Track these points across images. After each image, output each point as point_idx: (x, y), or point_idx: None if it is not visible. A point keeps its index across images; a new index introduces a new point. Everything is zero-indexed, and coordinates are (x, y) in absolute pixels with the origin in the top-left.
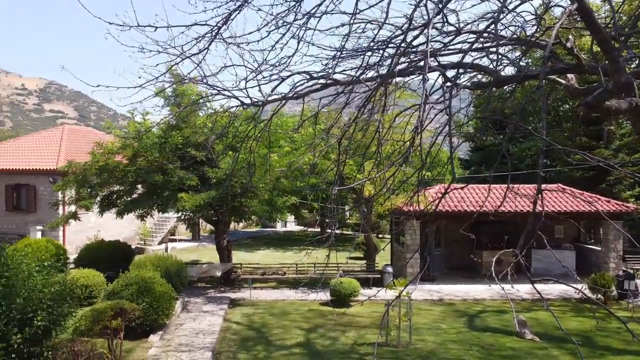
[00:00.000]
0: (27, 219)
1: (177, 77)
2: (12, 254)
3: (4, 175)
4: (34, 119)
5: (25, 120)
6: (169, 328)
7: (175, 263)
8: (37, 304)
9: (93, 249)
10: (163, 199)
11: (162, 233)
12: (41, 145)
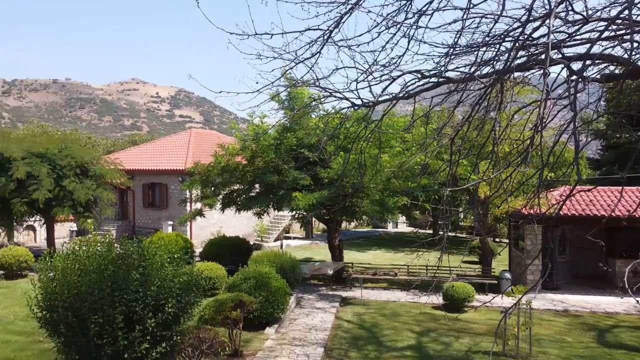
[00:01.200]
0: (160, 214)
1: (290, 81)
2: (148, 246)
3: (141, 175)
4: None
5: (159, 125)
6: (283, 322)
7: (289, 260)
8: (168, 292)
9: (216, 243)
10: (278, 197)
11: (278, 230)
12: (172, 147)
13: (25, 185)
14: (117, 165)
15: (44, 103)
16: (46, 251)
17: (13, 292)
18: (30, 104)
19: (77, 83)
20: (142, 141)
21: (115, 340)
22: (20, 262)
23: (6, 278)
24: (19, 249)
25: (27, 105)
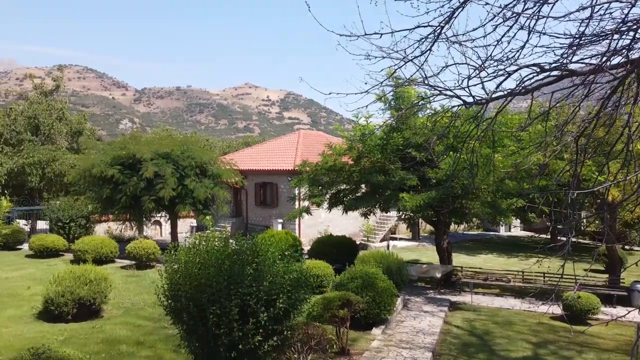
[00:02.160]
0: (271, 212)
1: (397, 80)
2: (260, 242)
3: (254, 175)
4: (276, 126)
5: (269, 126)
6: (390, 323)
7: (396, 261)
8: (279, 288)
9: (323, 242)
10: (385, 198)
11: (384, 231)
12: (281, 148)
13: (153, 184)
14: (232, 165)
15: (168, 109)
16: (171, 245)
17: (142, 281)
18: (156, 109)
19: (196, 89)
20: (254, 142)
21: (231, 331)
22: (148, 254)
23: (137, 268)
24: (148, 242)
25: (154, 111)
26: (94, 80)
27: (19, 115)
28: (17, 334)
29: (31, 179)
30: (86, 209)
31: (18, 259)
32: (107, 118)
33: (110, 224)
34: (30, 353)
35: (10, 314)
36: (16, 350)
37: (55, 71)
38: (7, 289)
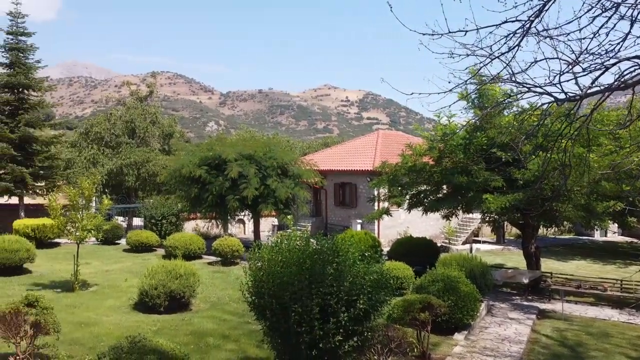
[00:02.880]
0: (350, 212)
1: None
2: (340, 242)
3: (333, 175)
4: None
5: (348, 127)
6: (473, 329)
7: (480, 265)
8: (360, 289)
9: (403, 243)
10: (467, 199)
11: (466, 233)
12: (360, 148)
13: (237, 183)
14: (312, 166)
15: (251, 111)
16: (255, 243)
17: (228, 277)
18: (240, 112)
19: (277, 92)
20: (333, 143)
21: (312, 330)
22: (233, 251)
23: (222, 264)
24: (232, 240)
25: (238, 113)
26: (183, 86)
27: (117, 119)
28: (116, 322)
29: (128, 178)
30: (176, 207)
31: (117, 252)
32: (195, 121)
33: (197, 221)
34: (128, 341)
35: (110, 304)
36: (115, 338)
37: (149, 78)
38: (107, 280)
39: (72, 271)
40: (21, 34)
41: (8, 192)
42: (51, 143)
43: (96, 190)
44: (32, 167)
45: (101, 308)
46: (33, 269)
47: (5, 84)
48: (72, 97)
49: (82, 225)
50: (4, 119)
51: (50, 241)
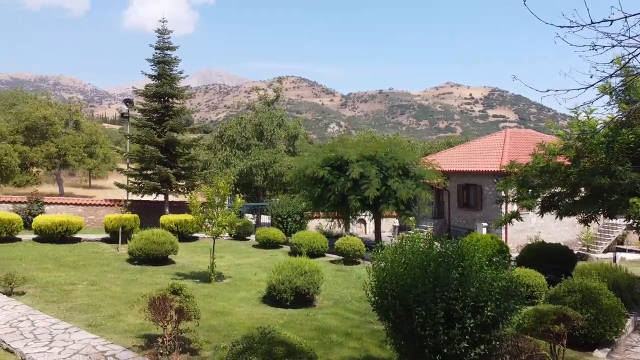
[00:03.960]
0: (474, 215)
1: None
2: (465, 246)
3: (456, 176)
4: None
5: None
6: (617, 347)
7: (625, 276)
8: (487, 295)
9: (534, 249)
10: (610, 203)
11: (608, 241)
12: (486, 148)
13: (358, 184)
14: (434, 166)
15: (371, 111)
16: (378, 244)
17: (349, 275)
18: (360, 113)
19: (398, 92)
20: (457, 143)
21: (436, 334)
22: (355, 251)
23: (344, 263)
24: (354, 239)
25: (358, 114)
26: (307, 89)
27: (247, 123)
28: (247, 313)
29: (257, 178)
30: (300, 206)
31: (247, 248)
32: (317, 122)
33: (320, 220)
34: (259, 332)
35: (241, 295)
36: (247, 328)
37: (275, 83)
38: (239, 273)
39: (208, 263)
40: (167, 48)
41: (156, 191)
42: (191, 146)
43: (229, 190)
44: (175, 168)
45: (234, 299)
46: (176, 260)
47: (154, 93)
48: (207, 103)
49: (218, 221)
50: (153, 125)
51: (190, 235)
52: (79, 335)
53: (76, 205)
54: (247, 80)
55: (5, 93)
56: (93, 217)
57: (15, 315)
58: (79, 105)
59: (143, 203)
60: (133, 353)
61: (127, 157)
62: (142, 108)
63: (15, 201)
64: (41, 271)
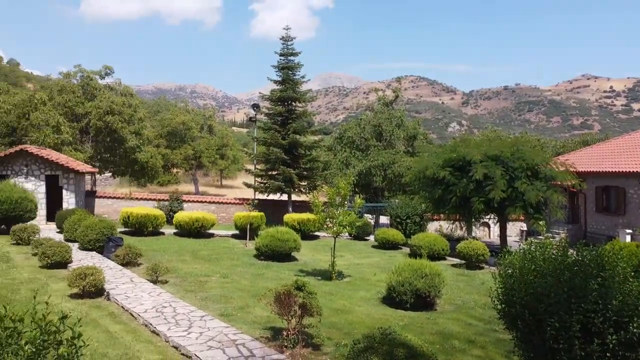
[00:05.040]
0: (615, 221)
1: None
2: (606, 255)
3: (594, 177)
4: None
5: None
6: None
7: None
8: (633, 310)
9: None
10: None
11: None
12: (630, 146)
13: (482, 185)
14: (567, 167)
15: (495, 109)
16: (504, 249)
17: (472, 280)
18: (484, 111)
19: (525, 87)
20: (594, 141)
21: (572, 348)
22: (478, 255)
23: (467, 268)
24: (477, 243)
25: (481, 112)
26: (426, 88)
27: (366, 124)
28: (366, 313)
29: (375, 179)
30: (420, 207)
31: (366, 248)
32: (437, 122)
33: (441, 222)
34: (379, 332)
35: (361, 295)
36: (366, 327)
37: (393, 83)
38: (359, 273)
39: (329, 262)
40: (290, 54)
41: (280, 190)
42: (312, 147)
43: (350, 190)
44: (297, 169)
45: (354, 298)
46: (298, 257)
47: (279, 98)
48: (327, 105)
49: (338, 221)
50: (277, 128)
51: (311, 234)
52: (213, 324)
53: (210, 203)
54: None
55: (150, 102)
56: (224, 214)
57: (160, 301)
58: (212, 111)
59: (268, 202)
60: (260, 343)
61: (254, 159)
62: (267, 112)
63: (159, 199)
64: (181, 263)
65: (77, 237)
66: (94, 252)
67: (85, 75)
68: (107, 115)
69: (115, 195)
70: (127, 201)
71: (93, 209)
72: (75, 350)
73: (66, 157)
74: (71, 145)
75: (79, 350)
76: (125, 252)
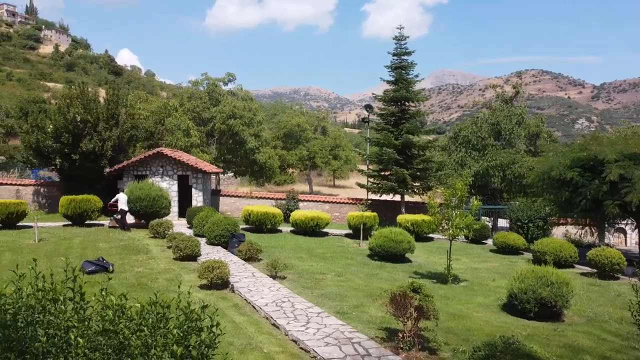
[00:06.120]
0: None
1: None
2: None
3: None
4: None
5: None
6: None
7: None
8: None
9: None
10: None
11: None
12: None
13: (617, 187)
14: None
15: (632, 103)
16: None
17: (606, 292)
18: (617, 105)
19: None
20: None
21: None
22: (612, 264)
23: (599, 277)
24: (612, 251)
25: (615, 107)
26: (549, 82)
27: (483, 122)
28: (485, 319)
29: (493, 180)
30: (543, 210)
31: (483, 252)
32: (562, 119)
33: (568, 227)
34: (501, 340)
35: (479, 300)
36: (486, 335)
37: (513, 78)
38: (476, 277)
39: (444, 265)
40: (403, 54)
41: (393, 191)
42: (426, 147)
43: (466, 191)
44: (410, 169)
45: (471, 303)
46: (412, 259)
47: (392, 98)
48: (440, 104)
49: (455, 223)
50: (390, 128)
51: (425, 235)
52: (329, 320)
53: (324, 202)
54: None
55: (268, 105)
56: (337, 213)
57: (279, 296)
58: (325, 113)
59: (381, 202)
60: (376, 343)
61: (366, 159)
62: (380, 112)
63: (276, 197)
64: (297, 260)
65: (204, 232)
66: (220, 246)
67: (210, 83)
68: (229, 119)
69: (237, 193)
70: (248, 199)
71: (218, 207)
72: (214, 337)
73: (195, 159)
74: (199, 147)
75: (217, 337)
76: (247, 248)
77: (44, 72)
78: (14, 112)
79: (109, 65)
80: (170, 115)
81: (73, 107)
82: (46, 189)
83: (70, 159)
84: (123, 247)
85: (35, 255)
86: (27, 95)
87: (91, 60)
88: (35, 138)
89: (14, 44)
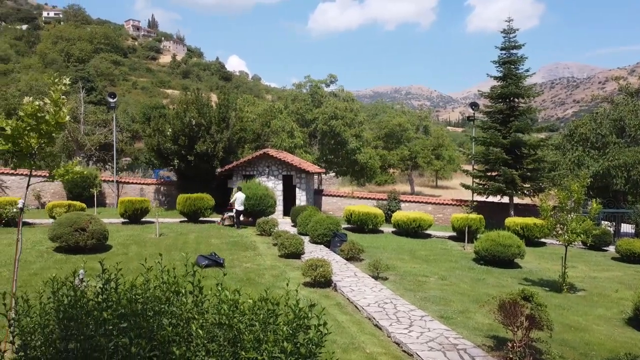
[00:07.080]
0: None
1: None
2: None
3: None
4: None
5: None
6: None
7: None
8: None
9: None
10: None
11: None
12: None
13: None
14: None
15: None
16: None
17: None
18: None
19: None
20: None
21: None
22: None
23: None
24: None
25: None
26: None
27: (604, 118)
28: (607, 333)
29: (616, 181)
30: None
31: (604, 259)
32: None
33: None
34: (627, 358)
35: (599, 312)
36: (608, 351)
37: (639, 68)
38: (595, 287)
39: (558, 272)
40: (512, 47)
41: (500, 192)
42: (537, 146)
43: (584, 193)
44: (520, 170)
45: (590, 315)
46: (522, 265)
47: (499, 94)
48: (552, 99)
49: (571, 227)
50: (498, 127)
51: (537, 240)
52: (433, 325)
53: (426, 203)
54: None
55: (368, 105)
56: (441, 215)
57: (382, 297)
58: (427, 112)
59: (487, 204)
60: (483, 352)
61: (471, 159)
62: (486, 110)
63: (377, 198)
64: (399, 261)
65: (307, 231)
66: (322, 245)
67: (313, 85)
68: (331, 120)
69: (338, 193)
70: (349, 199)
71: (320, 206)
72: (322, 336)
73: (298, 159)
74: (302, 148)
75: (324, 336)
76: (349, 248)
77: (163, 80)
78: (139, 117)
79: (219, 72)
80: (275, 118)
81: (189, 111)
82: (165, 187)
83: (186, 160)
84: (233, 243)
85: (157, 249)
86: (149, 101)
87: (204, 68)
88: (157, 141)
89: (138, 55)
